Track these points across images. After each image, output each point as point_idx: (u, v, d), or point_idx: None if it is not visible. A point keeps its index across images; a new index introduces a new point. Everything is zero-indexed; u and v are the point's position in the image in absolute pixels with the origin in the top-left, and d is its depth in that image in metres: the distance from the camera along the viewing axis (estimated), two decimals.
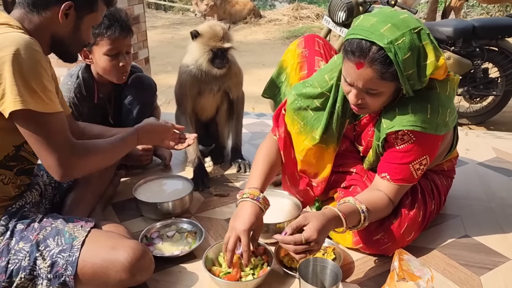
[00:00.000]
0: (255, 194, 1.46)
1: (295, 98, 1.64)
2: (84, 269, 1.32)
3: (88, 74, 2.07)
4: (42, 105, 1.25)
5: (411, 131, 1.41)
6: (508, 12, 9.16)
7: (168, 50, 7.71)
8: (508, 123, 4.48)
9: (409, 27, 1.30)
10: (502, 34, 4.05)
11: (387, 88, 1.37)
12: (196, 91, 2.22)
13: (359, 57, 1.31)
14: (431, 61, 1.33)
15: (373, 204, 1.45)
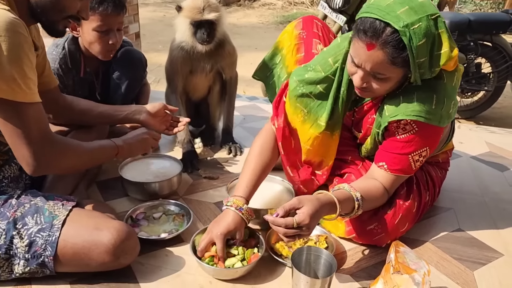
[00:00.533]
0: (239, 205, 1.42)
1: (297, 84, 1.56)
2: (64, 250, 1.25)
3: (75, 46, 1.95)
4: (19, 94, 1.14)
5: (414, 121, 1.35)
6: (500, 9, 9.18)
7: (159, 29, 7.53)
8: (497, 119, 4.49)
9: (427, 12, 1.23)
10: (497, 30, 4.03)
11: (395, 74, 1.30)
12: (187, 69, 2.13)
13: (371, 38, 1.24)
14: (445, 51, 1.27)
15: (368, 193, 1.40)
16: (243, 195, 1.46)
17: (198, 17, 1.96)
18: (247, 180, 1.50)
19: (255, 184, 1.50)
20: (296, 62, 1.78)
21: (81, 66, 1.98)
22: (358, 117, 1.59)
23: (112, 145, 1.50)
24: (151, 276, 1.38)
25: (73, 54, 1.95)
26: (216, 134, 2.38)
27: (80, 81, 2.01)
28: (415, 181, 1.60)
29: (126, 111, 1.75)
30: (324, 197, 1.30)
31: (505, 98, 4.71)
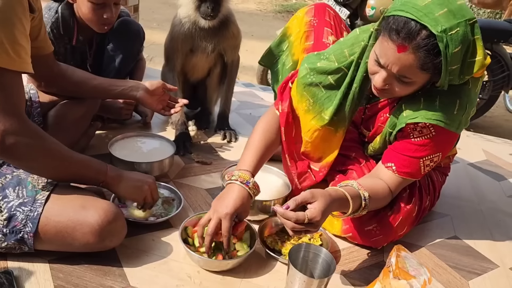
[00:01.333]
0: (245, 178, 1.32)
1: (307, 72, 1.48)
2: (46, 227, 1.16)
3: (69, 11, 1.82)
4: (4, 60, 1.03)
5: (433, 125, 1.29)
6: (498, 18, 9.23)
7: (155, 6, 7.34)
8: (487, 127, 4.51)
9: (465, 17, 1.14)
10: (498, 38, 4.02)
11: (421, 78, 1.22)
12: (188, 48, 2.03)
13: (403, 39, 1.14)
14: (479, 59, 1.18)
15: (375, 193, 1.34)
16: (248, 168, 1.36)
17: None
18: (252, 155, 1.40)
19: (260, 161, 1.41)
20: (304, 51, 1.70)
21: (74, 33, 1.86)
22: (369, 114, 1.53)
23: (102, 169, 1.28)
24: (136, 261, 1.31)
25: (66, 20, 1.82)
26: (211, 118, 2.30)
27: (71, 50, 1.89)
28: (418, 184, 1.55)
29: (123, 86, 1.65)
30: (335, 193, 1.23)
31: (496, 108, 4.74)
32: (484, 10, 9.66)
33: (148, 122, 2.16)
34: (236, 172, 1.35)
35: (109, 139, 1.79)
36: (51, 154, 1.16)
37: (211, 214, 1.28)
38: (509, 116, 5.03)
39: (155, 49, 4.82)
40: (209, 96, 2.25)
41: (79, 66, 1.88)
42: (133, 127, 2.12)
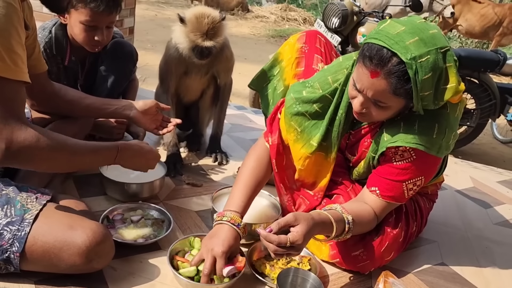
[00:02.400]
0: (236, 220, 1.35)
1: (293, 102, 1.52)
2: (33, 247, 1.15)
3: (62, 32, 1.84)
4: (2, 68, 1.05)
5: (413, 149, 1.32)
6: (485, 48, 9.47)
7: (150, 27, 7.44)
8: (475, 155, 4.58)
9: (437, 45, 1.19)
10: (485, 68, 4.12)
11: (396, 103, 1.27)
12: (182, 70, 2.06)
13: (376, 66, 1.20)
14: (452, 86, 1.23)
15: (359, 217, 1.35)
16: (238, 210, 1.39)
17: (198, 41, 1.87)
18: (242, 195, 1.43)
19: (249, 200, 1.44)
20: (295, 76, 1.74)
21: (67, 53, 1.88)
22: (354, 140, 1.56)
23: (112, 146, 1.33)
24: (123, 283, 1.29)
25: (59, 40, 1.84)
26: (203, 140, 2.31)
27: (64, 69, 1.91)
28: (404, 210, 1.57)
29: (116, 105, 1.66)
30: (318, 216, 1.24)
31: (484, 136, 4.82)
32: (472, 40, 9.92)
33: None
34: (228, 213, 1.36)
35: None
36: (59, 152, 1.18)
37: (204, 253, 1.29)
38: (496, 144, 5.12)
39: (148, 69, 4.86)
40: (201, 117, 2.27)
41: (71, 85, 1.89)
42: None
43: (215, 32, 1.88)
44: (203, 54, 1.92)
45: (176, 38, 1.95)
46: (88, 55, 1.96)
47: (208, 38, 1.87)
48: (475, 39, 9.57)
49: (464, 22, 8.01)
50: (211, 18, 1.86)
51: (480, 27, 7.97)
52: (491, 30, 7.98)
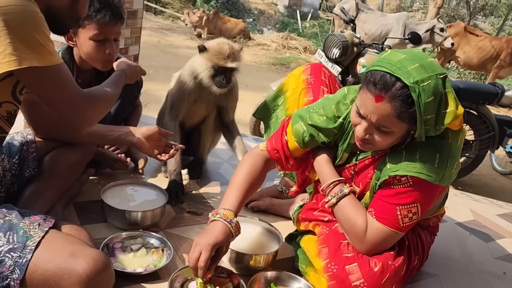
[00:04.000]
0: (229, 217, 1.38)
1: (303, 130, 1.57)
2: (34, 275, 1.14)
3: (69, 56, 1.88)
4: (51, 58, 1.17)
5: (412, 177, 1.35)
6: (482, 80, 9.61)
7: (153, 53, 7.55)
8: (474, 186, 4.58)
9: (436, 71, 1.26)
10: (483, 100, 4.17)
11: (399, 128, 1.31)
12: (193, 98, 2.11)
13: (380, 90, 1.25)
14: (451, 110, 1.29)
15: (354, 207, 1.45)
16: (232, 208, 1.41)
17: (222, 63, 1.97)
18: (236, 195, 1.46)
19: (242, 201, 1.48)
20: (304, 106, 1.77)
21: (73, 75, 1.91)
22: (359, 171, 1.57)
23: (120, 73, 1.62)
24: None
25: (66, 64, 1.87)
26: (204, 168, 2.32)
27: None
28: (407, 243, 1.56)
29: (119, 132, 1.68)
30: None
31: (483, 167, 4.83)
32: (470, 71, 10.07)
33: (141, 169, 2.17)
34: (221, 211, 1.40)
35: (101, 185, 1.79)
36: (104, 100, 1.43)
37: (192, 250, 1.31)
38: (495, 175, 5.13)
39: (150, 95, 4.90)
40: (202, 143, 2.29)
41: None
42: (126, 174, 2.13)
43: (235, 57, 1.99)
44: (225, 78, 1.98)
45: (195, 66, 2.03)
46: (93, 79, 1.99)
47: (230, 61, 1.97)
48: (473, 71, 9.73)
49: (462, 54, 8.16)
50: (231, 45, 2.00)
51: (478, 59, 8.11)
52: (489, 62, 8.12)
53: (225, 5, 13.49)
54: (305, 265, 1.58)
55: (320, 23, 14.09)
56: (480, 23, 16.56)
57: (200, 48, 2.00)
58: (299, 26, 13.36)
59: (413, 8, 17.51)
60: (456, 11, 15.31)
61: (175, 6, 12.74)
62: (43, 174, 1.57)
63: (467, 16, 14.26)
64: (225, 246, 1.35)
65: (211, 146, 2.34)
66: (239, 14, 13.50)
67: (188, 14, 10.50)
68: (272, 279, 1.49)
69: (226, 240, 1.34)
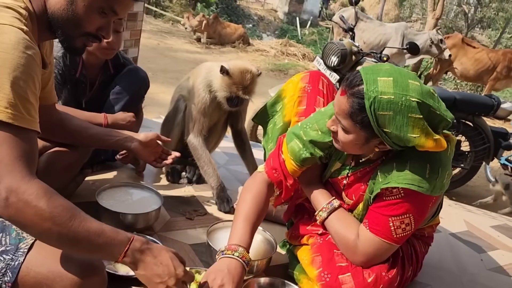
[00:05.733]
0: (247, 258, 1.37)
1: (299, 148, 1.55)
2: (26, 278, 1.13)
3: None
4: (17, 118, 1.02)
5: (402, 188, 1.35)
6: (479, 91, 9.67)
7: (151, 56, 7.55)
8: (469, 196, 4.60)
9: (408, 93, 1.24)
10: (479, 111, 4.20)
11: (354, 132, 1.33)
12: (212, 109, 2.15)
13: (346, 86, 1.32)
14: (415, 137, 1.26)
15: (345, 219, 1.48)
16: (246, 245, 1.40)
17: (239, 93, 2.04)
18: (248, 229, 1.44)
19: (252, 234, 1.46)
20: (297, 114, 1.77)
21: (79, 66, 1.95)
22: (350, 183, 1.57)
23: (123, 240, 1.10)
24: None
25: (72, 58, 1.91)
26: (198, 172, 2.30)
27: (74, 82, 1.97)
28: (401, 254, 1.56)
29: (118, 137, 1.68)
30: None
31: (478, 178, 4.85)
32: (467, 83, 10.15)
33: (140, 172, 2.17)
34: (240, 250, 1.36)
35: (96, 187, 1.79)
36: (54, 220, 1.02)
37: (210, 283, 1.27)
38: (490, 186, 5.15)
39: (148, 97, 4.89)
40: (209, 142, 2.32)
41: (77, 99, 1.94)
42: (123, 176, 2.13)
43: (252, 87, 2.09)
44: (237, 105, 2.09)
45: (214, 84, 2.08)
46: (100, 74, 2.01)
47: (247, 92, 2.06)
48: (469, 82, 9.80)
49: (459, 66, 8.22)
50: (252, 74, 2.06)
51: (475, 71, 8.17)
52: (485, 74, 8.19)
53: (225, 10, 13.55)
54: (298, 272, 1.58)
55: (320, 30, 14.16)
56: (477, 35, 16.70)
57: (222, 69, 2.02)
58: (299, 33, 13.42)
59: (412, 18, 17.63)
60: (454, 22, 15.42)
61: (175, 9, 12.76)
62: (38, 174, 1.55)
63: (465, 28, 14.37)
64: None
65: (212, 150, 2.36)
66: (239, 19, 13.56)
67: (188, 18, 10.52)
68: (266, 285, 1.49)
69: (242, 280, 1.35)
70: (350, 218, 1.51)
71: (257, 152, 2.89)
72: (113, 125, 1.87)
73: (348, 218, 1.51)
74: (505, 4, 14.45)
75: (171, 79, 6.42)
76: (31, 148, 1.06)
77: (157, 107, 4.70)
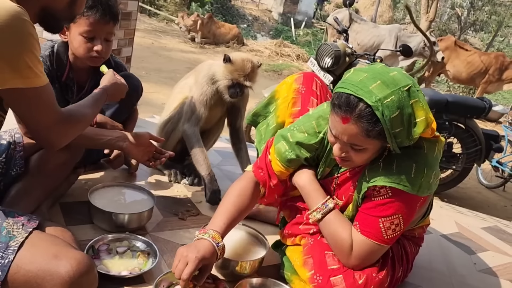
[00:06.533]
0: (217, 240, 1.39)
1: (286, 149, 1.57)
2: (16, 276, 1.13)
3: (64, 49, 1.89)
4: (36, 80, 1.16)
5: (390, 187, 1.37)
6: (471, 94, 9.75)
7: (145, 55, 7.53)
8: (460, 198, 4.64)
9: (399, 85, 1.27)
10: (471, 114, 4.24)
11: (372, 145, 1.33)
12: (213, 102, 2.17)
13: (345, 112, 1.28)
14: (421, 119, 1.30)
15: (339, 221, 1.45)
16: (219, 230, 1.42)
17: (241, 80, 2.07)
18: (224, 218, 1.47)
19: (230, 224, 1.48)
20: (291, 115, 1.78)
21: (66, 70, 1.90)
22: (340, 184, 1.58)
23: (101, 91, 1.56)
24: None
25: (60, 56, 1.89)
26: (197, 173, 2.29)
27: (60, 85, 1.92)
28: (391, 255, 1.58)
29: (109, 136, 1.67)
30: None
31: (469, 180, 4.90)
32: (459, 85, 10.22)
33: (133, 172, 2.16)
34: (210, 231, 1.40)
35: (89, 186, 1.78)
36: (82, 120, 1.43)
37: (177, 258, 1.32)
38: (481, 188, 5.20)
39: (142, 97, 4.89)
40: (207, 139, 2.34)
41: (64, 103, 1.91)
42: (116, 176, 2.12)
43: (253, 76, 2.11)
44: (239, 91, 2.10)
45: (215, 73, 2.12)
46: (89, 79, 1.98)
47: (248, 79, 2.08)
48: (462, 85, 9.87)
49: (452, 68, 8.28)
50: (253, 63, 2.10)
51: (467, 73, 8.24)
52: (478, 77, 8.26)
53: (220, 10, 13.54)
54: (290, 273, 1.58)
55: (314, 31, 14.20)
56: (470, 38, 16.83)
57: (225, 58, 2.07)
58: (293, 33, 13.45)
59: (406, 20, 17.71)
60: (447, 25, 15.52)
61: (169, 9, 12.73)
62: (30, 173, 1.56)
63: (457, 31, 14.47)
64: (209, 265, 1.36)
65: (209, 148, 2.40)
66: (234, 19, 13.55)
67: (182, 17, 10.51)
68: (258, 285, 1.50)
69: (212, 259, 1.36)
70: (345, 220, 1.50)
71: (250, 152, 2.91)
72: (102, 125, 1.85)
73: (343, 220, 1.50)
74: (497, 7, 14.58)
75: (165, 79, 6.41)
76: (52, 95, 1.28)
77: (151, 106, 4.68)
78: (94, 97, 1.54)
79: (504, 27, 15.79)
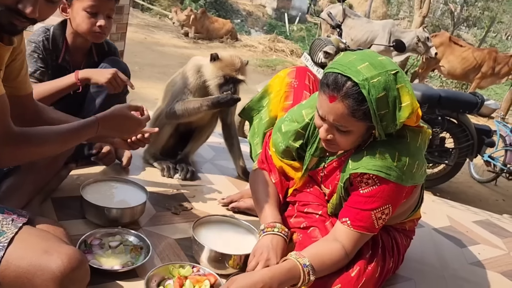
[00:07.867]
0: (285, 230, 1.54)
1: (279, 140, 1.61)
2: (6, 272, 1.12)
3: (60, 31, 1.93)
4: None
5: (376, 176, 1.38)
6: (464, 89, 9.80)
7: (138, 50, 7.48)
8: (452, 193, 4.67)
9: (386, 68, 1.31)
10: (464, 109, 4.26)
11: (357, 127, 1.35)
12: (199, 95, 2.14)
13: (332, 90, 1.30)
14: (407, 104, 1.32)
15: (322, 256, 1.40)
16: (279, 221, 1.56)
17: (233, 74, 2.03)
18: (273, 209, 1.60)
19: (279, 212, 1.61)
20: (283, 109, 1.79)
21: (61, 52, 1.94)
22: (327, 173, 1.60)
23: (92, 121, 1.39)
24: None
25: (55, 38, 1.93)
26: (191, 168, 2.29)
27: (56, 68, 1.94)
28: (381, 245, 1.59)
29: None
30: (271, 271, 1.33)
31: (461, 175, 4.94)
32: (452, 80, 10.27)
33: (125, 167, 2.15)
34: (278, 225, 1.54)
35: (81, 181, 1.77)
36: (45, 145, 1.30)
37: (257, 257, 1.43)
38: (473, 183, 5.24)
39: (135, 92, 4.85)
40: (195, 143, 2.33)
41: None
42: (108, 171, 2.11)
43: (244, 70, 2.09)
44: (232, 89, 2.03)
45: (207, 75, 2.07)
46: (83, 61, 2.00)
47: (241, 73, 2.06)
48: (455, 80, 9.92)
49: (446, 64, 8.32)
50: (241, 59, 2.10)
51: (461, 69, 8.28)
52: (471, 73, 8.31)
53: (213, 4, 13.46)
54: None
55: (308, 27, 14.18)
56: (463, 33, 16.92)
57: (212, 56, 2.04)
58: (287, 29, 13.42)
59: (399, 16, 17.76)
60: (441, 21, 15.60)
61: (162, 3, 12.65)
62: (21, 168, 1.54)
63: (451, 26, 14.54)
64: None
65: (203, 143, 2.40)
66: (227, 14, 13.49)
67: (175, 12, 10.44)
68: None
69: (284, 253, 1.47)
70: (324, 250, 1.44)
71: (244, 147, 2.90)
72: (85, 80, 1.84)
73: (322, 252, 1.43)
74: (490, 3, 14.66)
75: (158, 74, 6.38)
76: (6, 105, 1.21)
77: (144, 102, 4.66)
78: (78, 124, 1.38)
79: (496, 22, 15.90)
